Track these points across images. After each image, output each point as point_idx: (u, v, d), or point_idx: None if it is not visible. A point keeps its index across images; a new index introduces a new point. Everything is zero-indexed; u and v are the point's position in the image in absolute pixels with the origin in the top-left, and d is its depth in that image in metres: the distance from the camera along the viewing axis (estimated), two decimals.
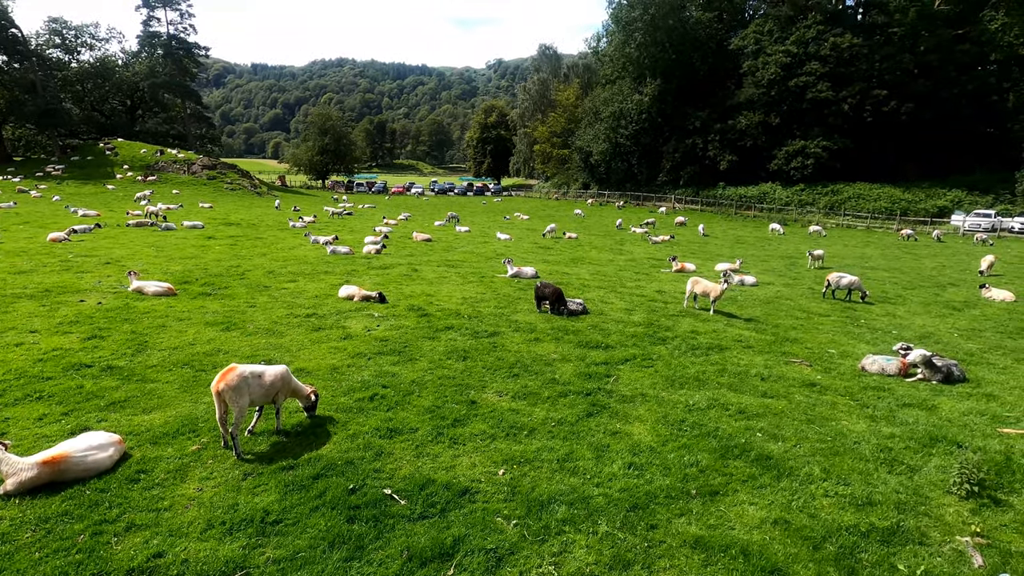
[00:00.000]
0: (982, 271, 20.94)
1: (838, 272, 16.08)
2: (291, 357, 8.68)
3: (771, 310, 14.10)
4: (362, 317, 11.26)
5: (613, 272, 18.90)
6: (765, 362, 9.66)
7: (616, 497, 5.13)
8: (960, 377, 9.02)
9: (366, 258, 19.29)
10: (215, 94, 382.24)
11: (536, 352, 9.56)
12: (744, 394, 8.06)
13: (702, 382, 8.47)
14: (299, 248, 20.96)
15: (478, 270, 17.77)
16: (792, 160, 54.23)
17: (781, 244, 32.34)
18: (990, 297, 16.67)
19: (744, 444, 6.33)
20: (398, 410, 6.89)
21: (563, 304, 12.27)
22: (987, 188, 47.89)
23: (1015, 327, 13.33)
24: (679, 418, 7.02)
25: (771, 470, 5.79)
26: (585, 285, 16.03)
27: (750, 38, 57.07)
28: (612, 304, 13.71)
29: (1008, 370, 9.84)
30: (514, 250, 24.06)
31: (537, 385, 7.99)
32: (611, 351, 9.83)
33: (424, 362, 8.75)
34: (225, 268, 15.90)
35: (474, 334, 10.40)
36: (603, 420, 6.91)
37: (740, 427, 6.84)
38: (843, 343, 11.32)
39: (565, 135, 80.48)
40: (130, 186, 50.67)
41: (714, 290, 13.18)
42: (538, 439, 6.30)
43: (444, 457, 5.77)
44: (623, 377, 8.53)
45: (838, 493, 5.38)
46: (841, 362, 9.88)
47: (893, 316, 14.20)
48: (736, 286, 17.35)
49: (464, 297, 13.53)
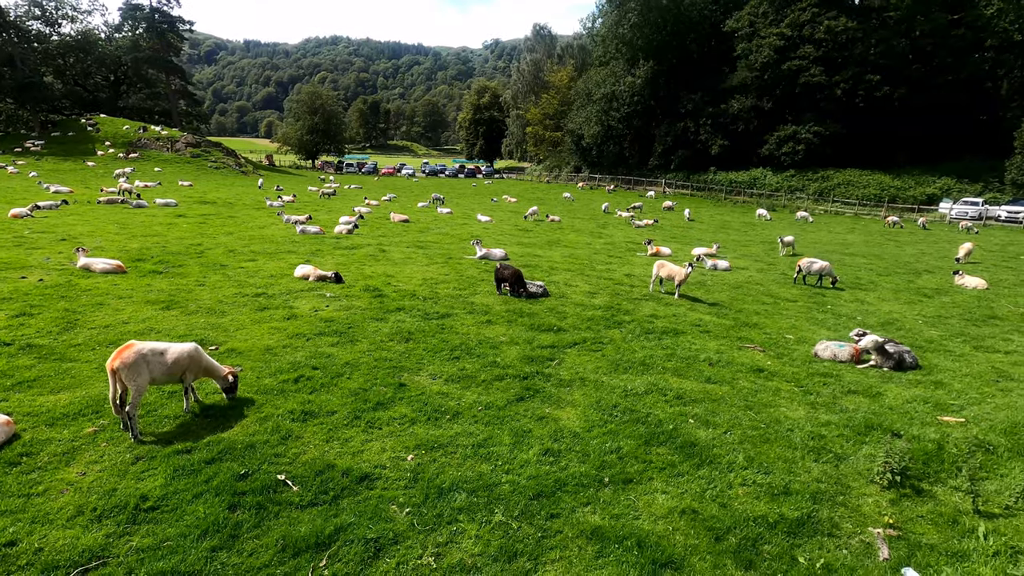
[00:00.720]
0: (959, 258, 20.79)
1: (809, 258, 15.89)
2: (226, 337, 8.42)
3: (738, 295, 13.90)
4: (313, 297, 10.98)
5: (586, 255, 18.64)
6: (718, 347, 9.47)
7: (524, 485, 4.93)
8: (912, 364, 8.87)
9: (336, 238, 18.94)
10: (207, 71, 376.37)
11: (485, 335, 9.33)
12: (688, 379, 7.87)
13: (648, 366, 8.27)
14: (270, 227, 20.57)
15: (448, 251, 17.48)
16: (783, 145, 53.78)
17: (765, 229, 32.11)
18: (963, 284, 16.54)
19: (672, 431, 6.14)
20: (322, 392, 6.66)
21: (522, 286, 12.03)
22: (977, 176, 47.69)
23: (981, 314, 13.19)
24: (613, 403, 6.82)
25: (694, 458, 5.60)
26: (554, 268, 15.78)
27: (744, 20, 56.18)
28: (576, 287, 13.47)
29: (964, 357, 9.70)
30: (492, 232, 23.76)
31: (476, 368, 7.78)
32: (562, 334, 9.62)
33: (365, 344, 8.51)
34: (186, 246, 15.54)
35: (425, 316, 10.15)
36: (533, 405, 6.71)
37: (674, 413, 6.65)
38: (804, 329, 11.14)
39: (558, 117, 79.52)
40: (111, 163, 49.76)
41: (679, 274, 12.95)
42: (460, 424, 6.09)
43: (355, 442, 5.55)
44: (568, 361, 8.32)
45: (756, 482, 5.20)
46: (796, 348, 9.71)
47: (861, 302, 14.05)
48: (708, 271, 17.15)
49: (425, 278, 13.26)
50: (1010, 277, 18.34)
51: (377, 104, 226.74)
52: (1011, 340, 11.07)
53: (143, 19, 67.27)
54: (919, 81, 50.50)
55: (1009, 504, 5.03)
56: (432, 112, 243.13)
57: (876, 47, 50.62)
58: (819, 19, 52.27)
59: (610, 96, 64.04)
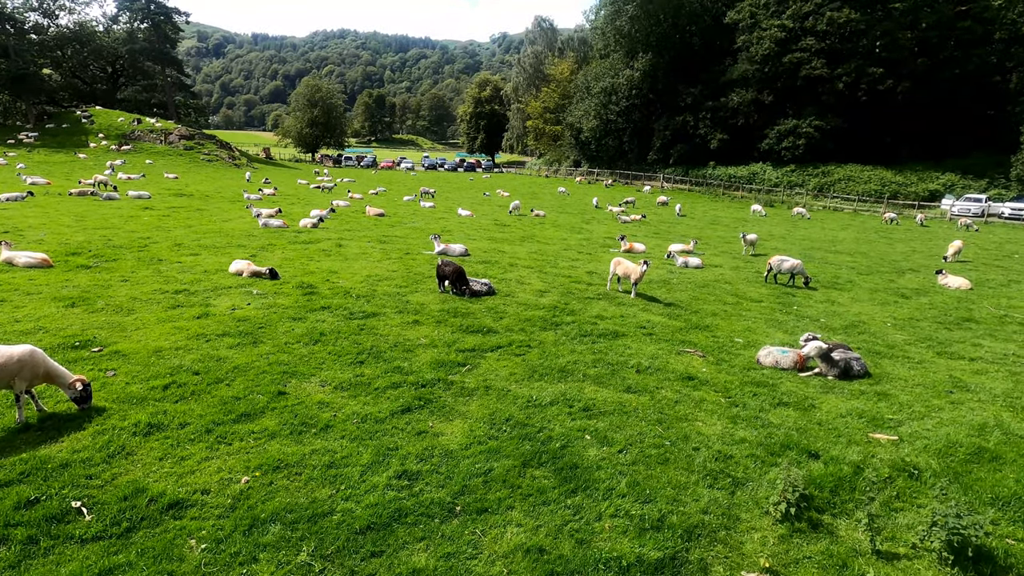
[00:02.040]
0: (947, 257, 19.96)
1: (780, 255, 15.17)
2: (120, 337, 7.89)
3: (701, 294, 13.23)
4: (238, 294, 10.44)
5: (555, 251, 17.99)
6: (656, 352, 8.84)
7: (357, 515, 4.35)
8: (860, 372, 8.19)
9: (297, 232, 18.40)
10: (215, 64, 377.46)
11: (405, 337, 8.74)
12: (607, 388, 7.25)
13: (568, 373, 7.65)
14: (236, 221, 20.06)
15: (409, 247, 16.89)
16: (784, 140, 52.66)
17: (757, 226, 31.26)
18: (946, 284, 15.76)
19: (559, 449, 5.53)
20: (189, 401, 6.11)
21: (464, 284, 11.42)
22: (982, 172, 46.44)
23: (957, 317, 12.45)
24: (507, 416, 6.22)
25: (571, 482, 4.99)
26: (514, 264, 15.15)
27: (746, 11, 54.91)
28: (529, 285, 12.85)
29: (923, 365, 9.00)
30: (469, 227, 23.15)
31: (376, 374, 7.20)
32: (490, 336, 9.01)
33: (268, 346, 7.95)
34: (133, 240, 15.06)
35: (349, 315, 9.58)
36: (419, 417, 6.12)
37: (572, 428, 6.04)
38: (759, 332, 10.47)
39: (558, 111, 78.50)
40: (103, 155, 49.54)
41: (634, 272, 12.30)
42: (324, 439, 5.51)
43: (192, 460, 4.99)
44: (482, 367, 7.72)
45: (630, 513, 4.59)
46: (741, 353, 9.05)
47: (832, 303, 13.33)
48: (679, 268, 16.46)
49: (370, 275, 12.69)
50: (998, 277, 17.51)
51: (383, 98, 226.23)
52: (980, 345, 10.35)
53: (139, 10, 66.90)
54: (924, 75, 49.16)
55: (916, 543, 4.39)
56: (438, 106, 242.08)
57: (880, 39, 49.31)
58: (822, 10, 51.00)
59: (609, 89, 63.06)
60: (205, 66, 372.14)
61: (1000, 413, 7.16)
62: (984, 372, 8.83)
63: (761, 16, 53.59)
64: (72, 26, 65.85)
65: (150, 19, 66.52)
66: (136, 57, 66.61)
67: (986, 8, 46.90)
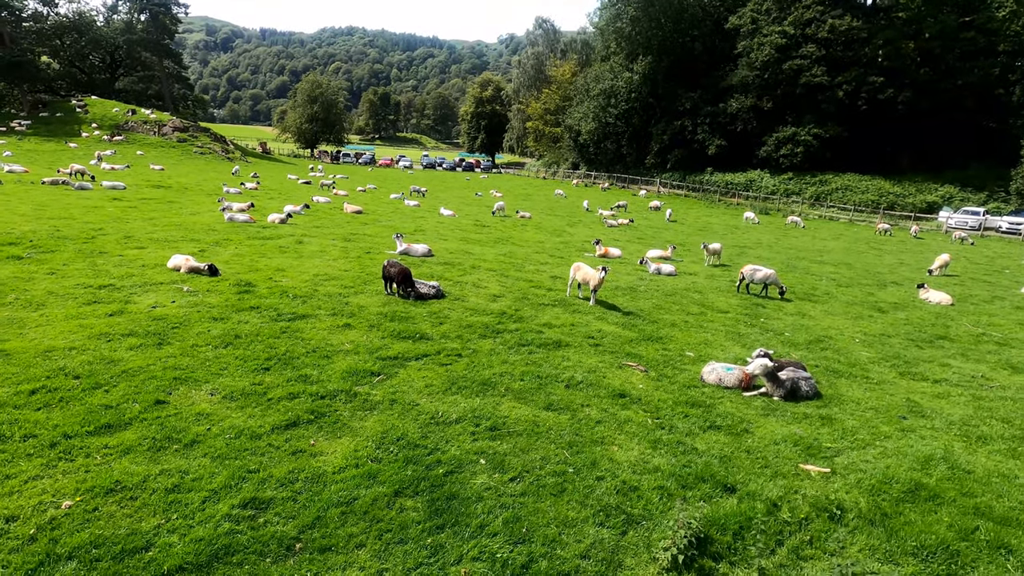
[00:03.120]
0: (932, 270, 19.35)
1: (753, 265, 14.59)
2: (12, 335, 7.37)
3: (666, 303, 12.66)
4: (167, 291, 9.92)
5: (526, 254, 17.45)
6: (596, 365, 8.29)
7: (177, 551, 3.81)
8: (809, 394, 7.62)
9: (263, 227, 17.90)
10: (222, 58, 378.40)
11: (329, 341, 8.21)
12: (526, 404, 6.70)
13: (489, 387, 7.10)
14: (204, 215, 19.56)
15: (374, 245, 16.37)
16: (782, 147, 52.04)
17: (747, 233, 30.69)
18: (926, 299, 15.17)
19: (444, 476, 4.99)
20: (53, 409, 5.58)
21: (410, 286, 10.88)
22: (981, 184, 45.73)
23: (931, 334, 11.87)
24: (402, 434, 5.67)
25: (441, 516, 4.45)
26: (477, 267, 14.61)
27: (747, 17, 54.29)
28: (485, 288, 12.30)
29: (881, 386, 8.43)
30: (446, 227, 22.62)
31: (277, 382, 6.67)
32: (422, 343, 8.47)
33: (173, 348, 7.43)
34: (83, 231, 14.57)
35: (276, 317, 9.05)
36: (304, 433, 5.58)
37: (469, 450, 5.49)
38: (715, 345, 9.91)
39: (558, 113, 77.97)
40: (95, 145, 49.15)
41: (593, 278, 11.74)
42: (185, 457, 4.98)
43: (17, 479, 4.46)
44: (398, 377, 7.18)
45: (495, 556, 4.04)
46: (688, 368, 8.49)
47: (803, 315, 12.76)
48: (651, 275, 15.91)
49: (318, 274, 12.16)
50: (983, 293, 16.90)
51: (388, 96, 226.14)
52: (949, 366, 9.77)
53: (137, 0, 66.60)
54: (925, 84, 48.48)
55: None
56: (442, 105, 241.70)
57: (882, 48, 48.68)
58: (823, 17, 50.40)
59: (608, 92, 62.55)
60: (213, 60, 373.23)
61: (952, 443, 6.59)
62: (946, 396, 8.25)
63: (762, 22, 53.00)
64: (71, 15, 65.58)
65: (148, 10, 66.25)
66: (134, 48, 66.32)
67: (990, 19, 46.18)
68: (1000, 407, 7.87)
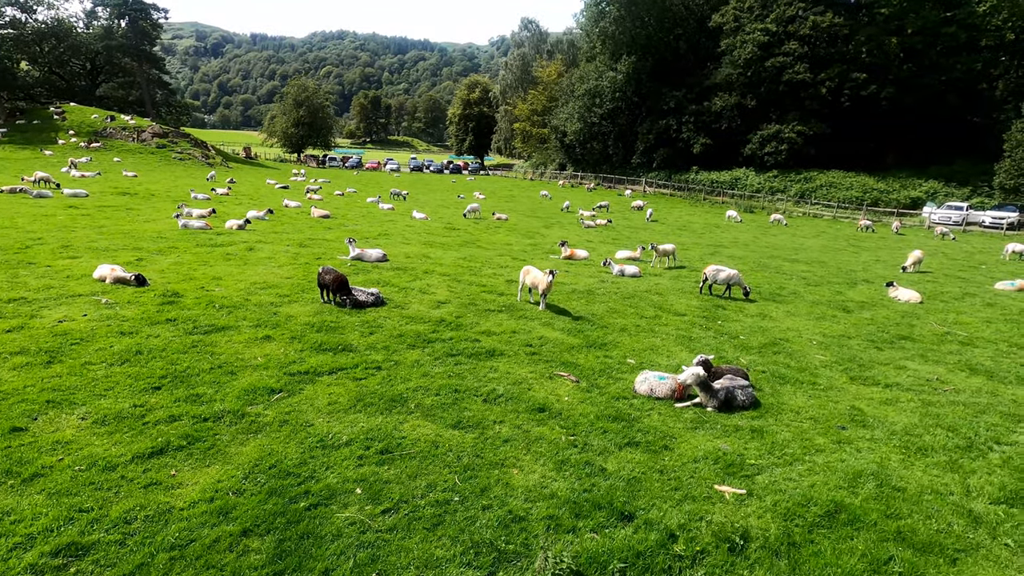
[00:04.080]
0: (906, 267, 18.99)
1: (715, 265, 14.15)
2: None
3: (622, 306, 12.21)
4: (83, 304, 9.40)
5: (488, 258, 16.98)
6: (526, 375, 7.81)
7: None
8: (745, 403, 7.17)
9: (217, 233, 17.36)
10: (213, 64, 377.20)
11: (240, 355, 7.71)
12: (433, 422, 6.22)
13: (399, 403, 6.62)
14: (160, 222, 18.98)
15: (328, 251, 15.87)
16: (766, 145, 51.79)
17: (727, 232, 30.32)
18: (895, 297, 14.78)
19: (304, 510, 4.50)
20: None
21: (346, 294, 10.40)
22: (965, 180, 45.56)
23: (894, 334, 11.45)
24: (278, 460, 5.18)
25: (284, 560, 3.96)
26: (430, 271, 14.12)
27: (730, 15, 54.06)
28: (431, 295, 11.82)
29: (827, 392, 7.98)
30: (414, 230, 22.12)
31: (164, 403, 6.17)
32: (342, 356, 7.99)
33: (63, 366, 6.92)
34: (19, 240, 14.02)
35: (192, 329, 8.54)
36: (170, 461, 5.08)
37: (349, 478, 5.00)
38: (662, 351, 9.46)
39: (545, 114, 77.59)
40: (71, 152, 48.41)
41: (541, 282, 11.28)
42: (18, 494, 4.48)
43: None
44: (304, 393, 6.69)
45: None
46: (624, 378, 8.03)
47: (764, 317, 12.33)
48: (615, 276, 15.46)
49: (256, 282, 11.66)
50: (955, 289, 16.52)
51: (378, 99, 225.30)
52: (905, 368, 9.34)
53: (115, 6, 65.83)
54: (908, 80, 48.32)
55: None
56: (434, 108, 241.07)
57: (864, 45, 48.46)
58: (805, 15, 50.21)
59: (592, 92, 62.20)
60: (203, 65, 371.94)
61: (889, 456, 6.15)
62: (894, 402, 7.81)
63: (745, 20, 52.77)
64: (50, 21, 64.82)
65: (127, 16, 65.46)
66: (113, 53, 65.54)
67: (971, 14, 46.03)
68: (949, 414, 7.44)
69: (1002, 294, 16.09)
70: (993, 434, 6.85)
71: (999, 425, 7.16)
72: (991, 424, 7.17)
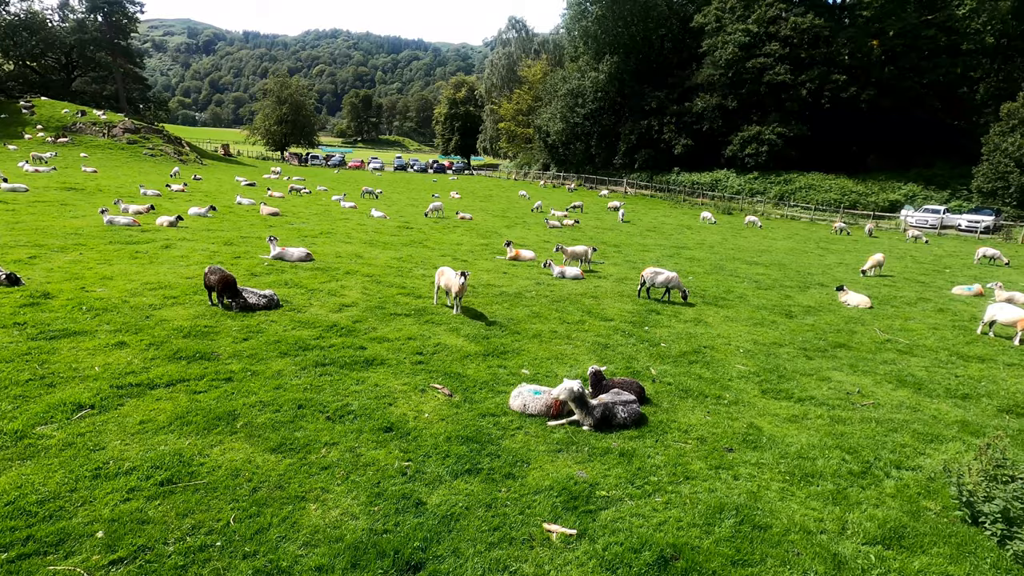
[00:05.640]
0: (865, 271, 18.38)
1: (653, 268, 13.44)
2: None
3: (547, 311, 11.47)
4: None
5: (426, 258, 16.22)
6: (397, 388, 7.06)
7: None
8: (626, 421, 6.43)
9: (143, 230, 16.50)
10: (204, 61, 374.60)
11: (76, 364, 6.91)
12: (253, 443, 5.45)
13: (225, 421, 5.84)
14: (88, 218, 18.09)
15: (252, 250, 15.04)
16: (747, 146, 51.27)
17: (697, 234, 29.66)
18: (845, 301, 14.13)
19: (3, 563, 3.72)
20: None
21: (234, 296, 9.60)
22: (945, 183, 45.23)
23: (831, 342, 10.78)
24: (16, 499, 4.39)
25: None
26: (354, 272, 13.34)
27: (712, 15, 53.53)
28: (341, 297, 11.05)
29: (731, 407, 7.26)
30: (365, 229, 21.30)
31: None
32: (197, 365, 7.20)
33: None
34: None
35: (37, 334, 7.73)
36: None
37: (98, 517, 4.22)
38: (569, 359, 8.72)
39: (530, 114, 76.92)
40: (37, 147, 47.28)
41: (454, 284, 10.53)
42: None
43: None
44: (120, 410, 5.91)
45: None
46: (507, 391, 7.27)
47: (698, 322, 11.62)
48: (555, 278, 14.74)
49: (150, 282, 10.84)
50: (911, 294, 15.89)
51: (369, 98, 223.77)
52: (828, 380, 8.65)
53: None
54: (889, 83, 47.99)
55: None
56: (426, 107, 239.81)
57: (845, 46, 48.04)
58: (786, 16, 49.81)
59: (574, 92, 61.58)
60: (195, 63, 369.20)
61: (769, 484, 5.43)
62: (801, 418, 7.11)
63: (727, 20, 52.26)
64: (22, 14, 63.52)
65: (101, 9, 64.17)
66: (86, 47, 64.24)
67: (950, 17, 45.71)
68: (856, 432, 6.74)
69: (957, 299, 15.48)
70: (896, 457, 6.15)
71: (907, 446, 6.47)
72: (898, 445, 6.48)
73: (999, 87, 46.03)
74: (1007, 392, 8.56)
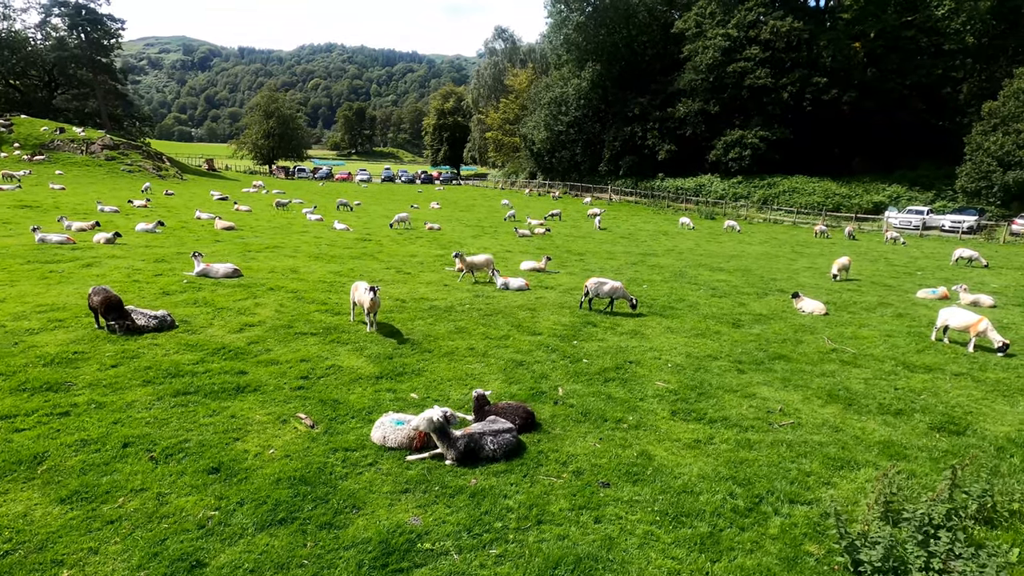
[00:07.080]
0: (834, 275, 17.73)
1: (597, 278, 12.78)
2: None
3: (474, 325, 10.80)
4: None
5: (369, 271, 15.59)
6: (255, 419, 6.38)
7: None
8: (495, 454, 5.73)
9: (71, 248, 15.86)
10: (200, 77, 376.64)
11: None
12: (45, 492, 4.77)
13: (26, 465, 5.16)
14: (20, 236, 17.48)
15: (181, 267, 14.39)
16: (731, 151, 50.80)
17: (671, 240, 29.03)
18: (800, 308, 13.47)
19: None
20: None
21: (120, 317, 8.92)
22: (930, 184, 44.71)
23: (772, 353, 10.10)
24: None
25: None
26: (280, 288, 12.68)
27: (692, 20, 53.28)
28: (250, 316, 10.38)
29: (628, 433, 6.57)
30: (320, 242, 20.70)
31: None
32: (37, 398, 6.53)
33: None
34: None
35: None
36: None
37: None
38: (475, 379, 8.04)
39: (517, 122, 76.69)
40: (12, 165, 46.80)
41: (365, 300, 9.88)
42: None
43: None
44: None
45: None
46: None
47: (635, 335, 10.95)
48: (499, 290, 14.09)
49: (43, 304, 10.18)
50: (872, 299, 15.20)
51: (363, 111, 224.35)
52: (752, 397, 7.96)
53: (66, 16, 64.44)
54: (871, 85, 47.68)
55: None
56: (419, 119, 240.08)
57: (825, 49, 47.69)
58: (765, 19, 49.55)
59: (558, 100, 61.34)
60: (191, 79, 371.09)
61: (635, 527, 4.74)
62: (703, 443, 6.42)
63: (707, 25, 51.99)
64: (2, 32, 63.38)
65: (79, 27, 64.05)
66: (67, 64, 64.06)
67: (930, 18, 45.41)
68: (760, 459, 6.05)
69: (920, 303, 14.81)
70: (794, 489, 5.45)
71: (812, 474, 5.77)
72: (803, 473, 5.78)
73: (982, 87, 45.66)
74: (945, 406, 7.87)
